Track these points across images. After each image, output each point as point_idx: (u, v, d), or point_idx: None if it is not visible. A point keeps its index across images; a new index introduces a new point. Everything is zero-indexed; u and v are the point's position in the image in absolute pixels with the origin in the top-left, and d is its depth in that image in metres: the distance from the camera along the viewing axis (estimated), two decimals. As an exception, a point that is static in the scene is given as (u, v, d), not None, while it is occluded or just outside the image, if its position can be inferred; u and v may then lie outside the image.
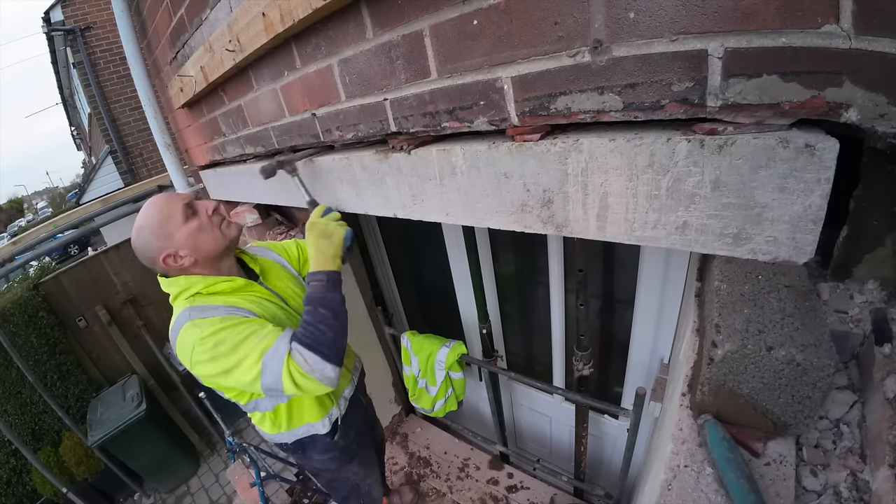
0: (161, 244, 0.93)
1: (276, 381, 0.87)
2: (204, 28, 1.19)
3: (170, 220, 0.93)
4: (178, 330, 0.93)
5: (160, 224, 0.93)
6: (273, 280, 1.13)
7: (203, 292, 0.96)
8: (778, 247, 0.49)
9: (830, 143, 0.42)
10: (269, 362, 0.87)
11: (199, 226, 0.96)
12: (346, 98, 0.86)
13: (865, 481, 0.56)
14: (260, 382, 0.88)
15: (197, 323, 0.90)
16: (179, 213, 0.94)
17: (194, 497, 3.39)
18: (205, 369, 0.89)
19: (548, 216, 0.65)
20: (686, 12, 0.43)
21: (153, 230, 0.93)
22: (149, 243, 0.93)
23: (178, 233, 0.93)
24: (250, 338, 0.89)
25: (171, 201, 0.96)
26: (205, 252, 0.97)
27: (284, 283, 1.15)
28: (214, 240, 0.98)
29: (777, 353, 0.55)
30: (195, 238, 0.95)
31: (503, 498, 1.92)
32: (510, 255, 1.70)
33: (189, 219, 0.95)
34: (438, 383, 1.78)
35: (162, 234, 0.92)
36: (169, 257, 0.93)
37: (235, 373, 0.88)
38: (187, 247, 0.94)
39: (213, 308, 0.94)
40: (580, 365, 1.35)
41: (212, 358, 0.87)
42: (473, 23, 0.58)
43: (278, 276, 1.15)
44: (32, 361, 3.11)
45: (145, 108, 1.69)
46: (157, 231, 0.93)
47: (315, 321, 0.91)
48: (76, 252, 11.09)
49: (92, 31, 5.70)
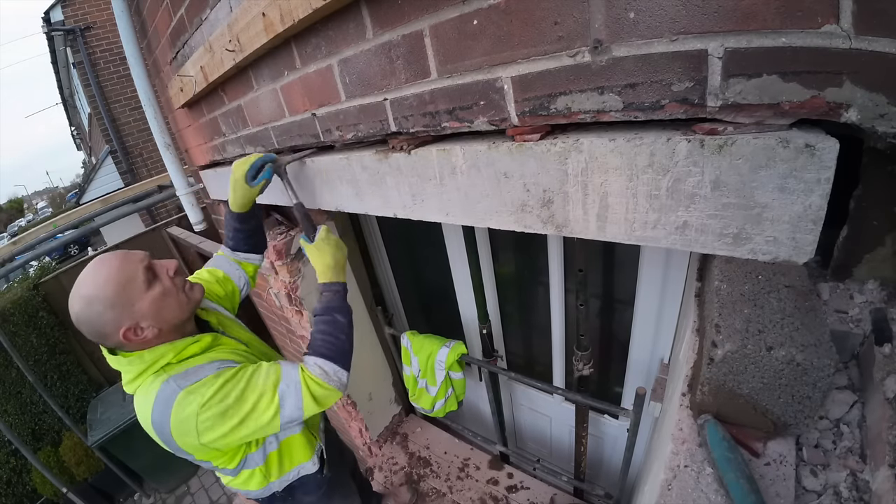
0: (118, 316, 0.78)
1: (296, 407, 0.84)
2: (204, 28, 1.19)
3: (128, 286, 0.80)
4: (167, 405, 0.80)
5: (117, 292, 0.78)
6: (231, 330, 1.07)
7: (174, 361, 0.85)
8: (778, 247, 0.49)
9: (830, 143, 0.42)
10: (285, 392, 0.84)
11: (163, 291, 0.84)
12: (346, 98, 0.86)
13: (865, 481, 0.56)
14: (279, 417, 0.84)
15: (191, 389, 0.80)
16: (140, 278, 0.81)
17: (194, 497, 3.40)
18: (216, 431, 0.81)
19: (548, 216, 0.65)
20: (686, 12, 0.43)
21: (108, 300, 0.78)
22: (101, 315, 0.78)
23: (140, 302, 0.80)
24: (254, 377, 0.84)
25: (128, 263, 0.82)
26: (170, 321, 0.85)
27: (240, 332, 1.11)
28: (180, 306, 0.87)
29: (777, 353, 0.55)
30: (159, 305, 0.83)
31: (503, 498, 1.92)
32: (510, 255, 1.70)
33: (151, 284, 0.83)
34: (438, 383, 1.78)
35: (119, 304, 0.78)
36: (129, 331, 0.80)
37: (252, 417, 0.82)
38: (150, 317, 0.81)
39: (199, 368, 0.84)
40: (580, 365, 1.35)
41: (222, 415, 0.80)
42: (473, 23, 0.58)
43: (232, 326, 1.10)
44: (32, 361, 3.12)
45: (145, 108, 1.68)
46: (113, 301, 0.78)
47: (333, 330, 0.90)
48: (76, 252, 11.10)
49: (92, 31, 5.71)
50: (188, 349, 0.88)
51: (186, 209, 1.92)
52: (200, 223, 1.97)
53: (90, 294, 0.78)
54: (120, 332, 0.79)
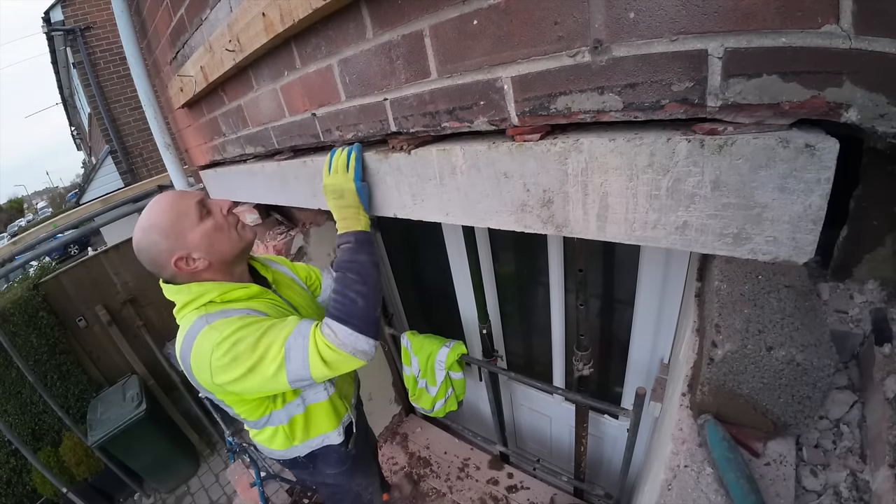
0: (172, 245, 0.83)
1: (302, 364, 0.80)
2: (204, 28, 1.19)
3: (182, 218, 0.84)
4: (192, 338, 0.83)
5: (172, 223, 0.83)
6: (285, 291, 1.07)
7: (217, 300, 0.87)
8: (778, 247, 0.49)
9: (830, 143, 0.42)
10: (292, 346, 0.81)
11: (215, 225, 0.88)
12: (346, 98, 0.86)
13: (865, 481, 0.56)
14: (284, 372, 0.81)
15: (215, 326, 0.83)
16: (193, 212, 0.86)
17: (194, 497, 3.39)
18: (227, 374, 0.81)
19: (548, 216, 0.65)
20: (686, 12, 0.43)
21: (163, 229, 0.83)
22: (156, 244, 0.83)
23: (192, 233, 0.85)
24: (271, 329, 0.83)
25: (184, 198, 0.87)
26: (220, 255, 0.88)
27: (297, 296, 1.10)
28: (231, 241, 0.90)
29: (777, 353, 0.55)
30: (210, 239, 0.86)
31: (503, 498, 1.91)
32: (510, 255, 1.70)
33: (203, 218, 0.87)
34: (438, 383, 1.78)
35: (174, 234, 0.83)
36: (181, 260, 0.84)
37: (259, 368, 0.81)
38: (202, 248, 0.85)
39: (231, 310, 0.86)
40: (580, 365, 1.35)
41: (233, 359, 0.80)
42: (473, 23, 0.58)
43: (290, 288, 1.11)
44: (32, 361, 3.11)
45: (145, 108, 1.69)
46: (167, 230, 0.83)
47: (343, 288, 0.84)
48: (76, 252, 11.09)
49: (92, 31, 5.70)
50: (233, 292, 0.89)
51: (186, 209, 1.91)
52: (200, 223, 1.96)
53: (147, 223, 0.84)
54: (172, 260, 0.83)
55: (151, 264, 0.86)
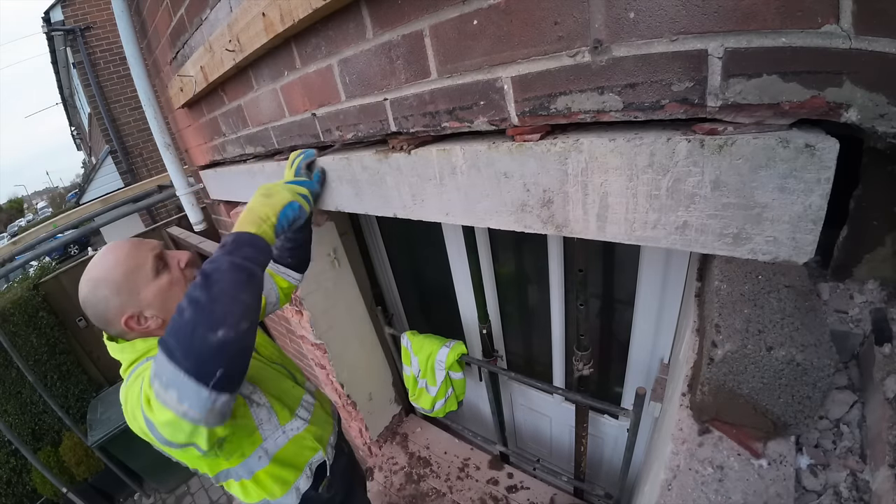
0: (123, 302, 0.76)
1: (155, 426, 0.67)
2: (204, 28, 1.19)
3: (136, 272, 0.77)
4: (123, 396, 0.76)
5: (125, 277, 0.76)
6: None
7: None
8: (778, 247, 0.49)
9: (830, 143, 0.42)
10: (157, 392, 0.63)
11: (171, 281, 0.81)
12: (346, 98, 0.86)
13: (865, 481, 0.56)
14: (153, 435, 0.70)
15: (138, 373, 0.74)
16: (149, 266, 0.79)
17: (194, 497, 3.40)
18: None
19: (548, 216, 0.65)
20: (686, 12, 0.43)
21: (114, 284, 0.76)
22: (105, 300, 0.76)
23: (146, 289, 0.78)
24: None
25: (139, 249, 0.80)
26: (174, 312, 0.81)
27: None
28: None
29: (777, 353, 0.55)
30: (165, 295, 0.79)
31: (503, 498, 1.91)
32: (510, 255, 1.70)
33: (160, 272, 0.80)
34: (438, 383, 1.78)
35: (126, 290, 0.76)
36: (132, 319, 0.77)
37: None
38: (155, 306, 0.78)
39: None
40: (580, 365, 1.35)
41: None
42: (473, 23, 0.58)
43: None
44: (32, 361, 3.12)
45: (145, 108, 1.68)
46: (119, 285, 0.76)
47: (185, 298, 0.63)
48: (76, 252, 11.10)
49: (92, 31, 5.71)
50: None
51: (186, 209, 1.92)
52: (200, 223, 1.97)
53: (98, 277, 0.76)
54: (122, 318, 0.77)
55: (98, 319, 0.78)
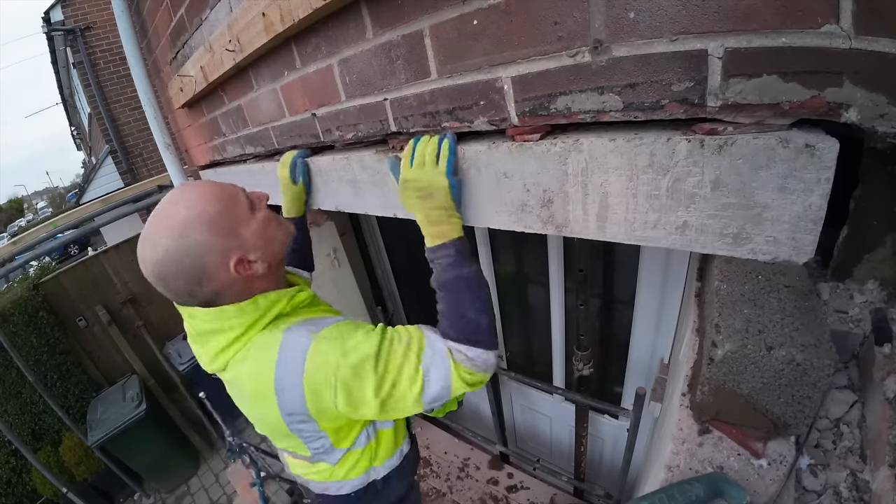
0: (226, 243, 0.63)
1: (445, 388, 0.66)
2: (204, 28, 1.19)
3: (235, 206, 0.65)
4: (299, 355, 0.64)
5: (222, 212, 0.63)
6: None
7: (286, 312, 0.70)
8: (778, 247, 0.49)
9: (830, 143, 0.42)
10: (430, 368, 0.65)
11: (267, 217, 0.69)
12: (346, 98, 0.86)
13: (865, 481, 0.56)
14: (423, 396, 0.65)
15: (324, 335, 0.65)
16: (243, 200, 0.67)
17: (194, 497, 3.39)
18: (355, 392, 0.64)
19: (548, 216, 0.65)
20: (686, 12, 0.43)
21: (213, 223, 0.62)
22: (202, 246, 0.61)
23: (247, 227, 0.66)
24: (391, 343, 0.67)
25: (224, 186, 0.67)
26: (277, 255, 0.71)
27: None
28: (284, 235, 0.73)
29: (777, 353, 0.55)
30: (266, 234, 0.68)
31: (503, 498, 1.91)
32: (510, 255, 1.70)
33: (254, 208, 0.69)
34: (438, 383, 1.78)
35: (227, 228, 0.63)
36: (240, 264, 0.64)
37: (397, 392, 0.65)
38: (259, 248, 0.66)
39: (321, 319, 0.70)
40: (580, 365, 1.35)
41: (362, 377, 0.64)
42: (473, 23, 0.58)
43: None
44: (32, 361, 3.11)
45: (145, 108, 1.68)
46: (218, 223, 0.62)
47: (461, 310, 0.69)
48: (76, 252, 11.09)
49: (92, 31, 5.70)
50: (298, 296, 0.72)
51: (186, 209, 1.91)
52: (200, 223, 1.96)
53: (186, 218, 0.60)
54: (231, 263, 0.63)
55: (186, 277, 0.62)
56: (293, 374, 0.65)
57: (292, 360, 0.65)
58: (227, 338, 0.67)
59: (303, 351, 0.65)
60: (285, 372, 0.65)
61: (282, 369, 0.65)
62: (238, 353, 0.68)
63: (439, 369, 0.66)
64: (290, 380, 0.65)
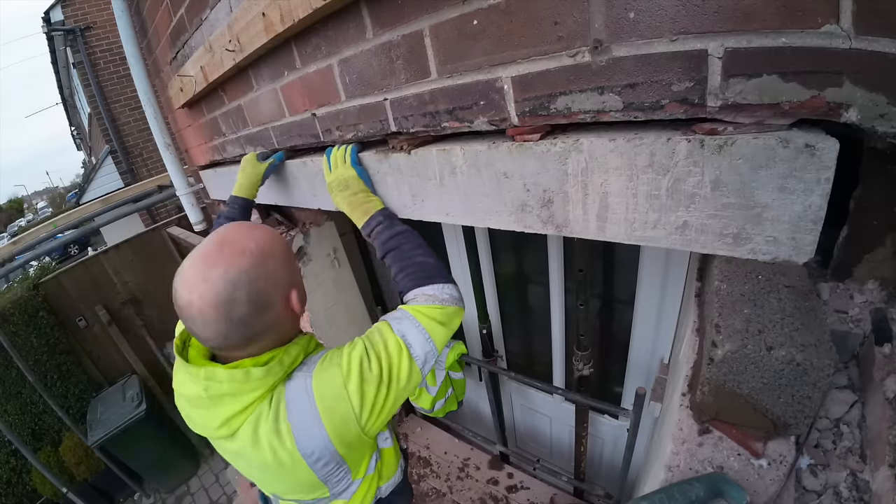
0: (291, 277, 0.68)
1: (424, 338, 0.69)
2: (204, 28, 1.18)
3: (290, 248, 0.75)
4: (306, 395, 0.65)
5: (288, 250, 0.70)
6: None
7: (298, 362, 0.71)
8: (778, 247, 0.49)
9: (830, 143, 0.42)
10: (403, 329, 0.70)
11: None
12: (346, 98, 0.86)
13: (865, 481, 0.56)
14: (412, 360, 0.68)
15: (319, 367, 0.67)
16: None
17: (194, 497, 3.40)
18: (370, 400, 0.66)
19: (548, 216, 0.65)
20: (686, 12, 0.43)
21: (284, 255, 0.67)
22: (277, 272, 0.65)
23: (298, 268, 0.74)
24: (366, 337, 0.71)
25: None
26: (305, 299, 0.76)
27: None
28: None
29: (777, 353, 0.55)
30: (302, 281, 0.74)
31: (503, 498, 1.91)
32: (510, 255, 1.70)
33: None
34: (438, 383, 1.78)
35: (292, 265, 0.70)
36: (296, 299, 0.68)
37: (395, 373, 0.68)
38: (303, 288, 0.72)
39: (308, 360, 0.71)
40: (580, 365, 1.35)
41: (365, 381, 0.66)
42: (473, 23, 0.58)
43: None
44: (32, 361, 3.12)
45: (145, 108, 1.68)
46: (288, 258, 0.68)
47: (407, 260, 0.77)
48: (76, 252, 11.09)
49: (92, 31, 5.70)
50: (311, 343, 0.75)
51: (186, 209, 1.92)
52: (200, 223, 1.96)
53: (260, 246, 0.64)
54: (293, 294, 0.67)
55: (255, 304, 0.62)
56: (308, 416, 0.64)
57: (301, 404, 0.65)
58: (240, 403, 0.64)
59: (307, 391, 0.65)
60: (299, 418, 0.64)
61: (295, 417, 0.64)
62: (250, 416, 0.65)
63: (410, 328, 0.70)
64: (307, 422, 0.64)
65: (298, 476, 0.69)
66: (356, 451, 0.73)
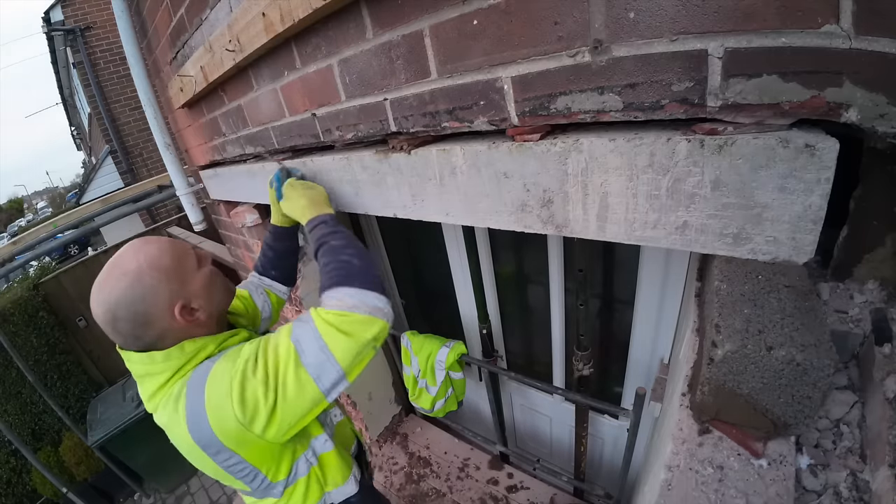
0: (174, 291, 0.70)
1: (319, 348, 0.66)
2: (204, 28, 1.19)
3: (184, 260, 0.74)
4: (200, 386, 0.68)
5: (174, 263, 0.71)
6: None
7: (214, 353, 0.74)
8: (778, 247, 0.49)
9: (830, 143, 0.42)
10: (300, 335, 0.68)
11: (212, 272, 0.79)
12: (346, 98, 0.86)
13: (865, 481, 0.56)
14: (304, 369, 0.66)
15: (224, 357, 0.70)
16: (192, 256, 0.76)
17: (194, 497, 3.40)
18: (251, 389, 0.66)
19: (548, 216, 0.65)
20: (686, 12, 0.43)
21: (165, 272, 0.69)
22: (153, 291, 0.68)
23: (194, 279, 0.74)
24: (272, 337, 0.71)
25: (176, 243, 0.76)
26: (218, 306, 0.79)
27: None
28: (227, 291, 0.82)
29: (777, 353, 0.55)
30: (210, 287, 0.76)
31: (503, 498, 1.91)
32: (510, 254, 1.70)
33: (201, 264, 0.78)
34: (438, 383, 1.78)
35: (177, 277, 0.71)
36: (185, 310, 0.71)
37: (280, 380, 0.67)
38: (202, 297, 0.74)
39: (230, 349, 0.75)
40: (580, 365, 1.35)
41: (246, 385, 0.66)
42: (473, 23, 0.58)
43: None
44: (32, 361, 3.12)
45: (145, 108, 1.68)
46: (170, 272, 0.70)
47: (331, 258, 0.75)
48: (76, 252, 11.10)
49: (92, 31, 5.71)
50: (228, 341, 0.77)
51: (186, 209, 1.92)
52: (200, 223, 1.96)
53: (141, 265, 0.68)
54: (176, 309, 0.70)
55: (136, 319, 0.68)
56: (199, 405, 0.68)
57: (196, 392, 0.68)
58: (156, 382, 0.72)
59: (204, 380, 0.69)
60: (192, 406, 0.68)
61: (190, 402, 0.68)
62: (163, 398, 0.72)
63: (306, 333, 0.68)
64: (197, 410, 0.68)
65: (203, 463, 0.74)
66: (254, 451, 0.73)
